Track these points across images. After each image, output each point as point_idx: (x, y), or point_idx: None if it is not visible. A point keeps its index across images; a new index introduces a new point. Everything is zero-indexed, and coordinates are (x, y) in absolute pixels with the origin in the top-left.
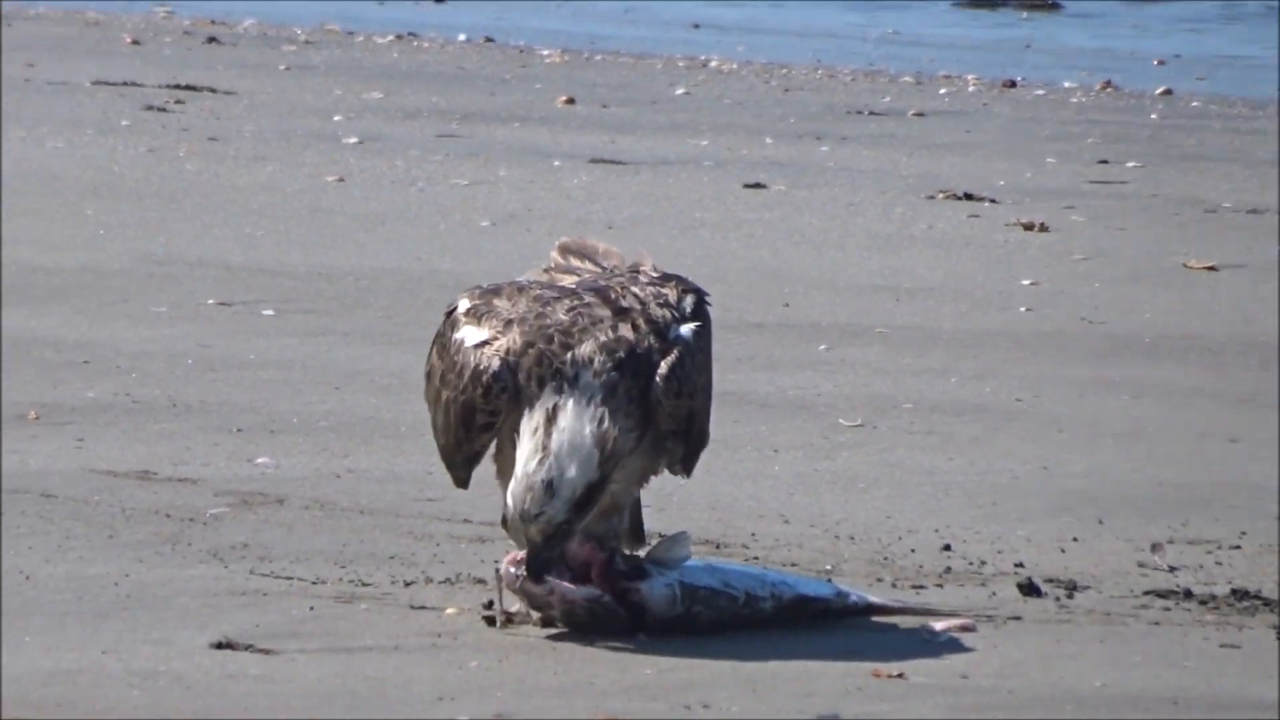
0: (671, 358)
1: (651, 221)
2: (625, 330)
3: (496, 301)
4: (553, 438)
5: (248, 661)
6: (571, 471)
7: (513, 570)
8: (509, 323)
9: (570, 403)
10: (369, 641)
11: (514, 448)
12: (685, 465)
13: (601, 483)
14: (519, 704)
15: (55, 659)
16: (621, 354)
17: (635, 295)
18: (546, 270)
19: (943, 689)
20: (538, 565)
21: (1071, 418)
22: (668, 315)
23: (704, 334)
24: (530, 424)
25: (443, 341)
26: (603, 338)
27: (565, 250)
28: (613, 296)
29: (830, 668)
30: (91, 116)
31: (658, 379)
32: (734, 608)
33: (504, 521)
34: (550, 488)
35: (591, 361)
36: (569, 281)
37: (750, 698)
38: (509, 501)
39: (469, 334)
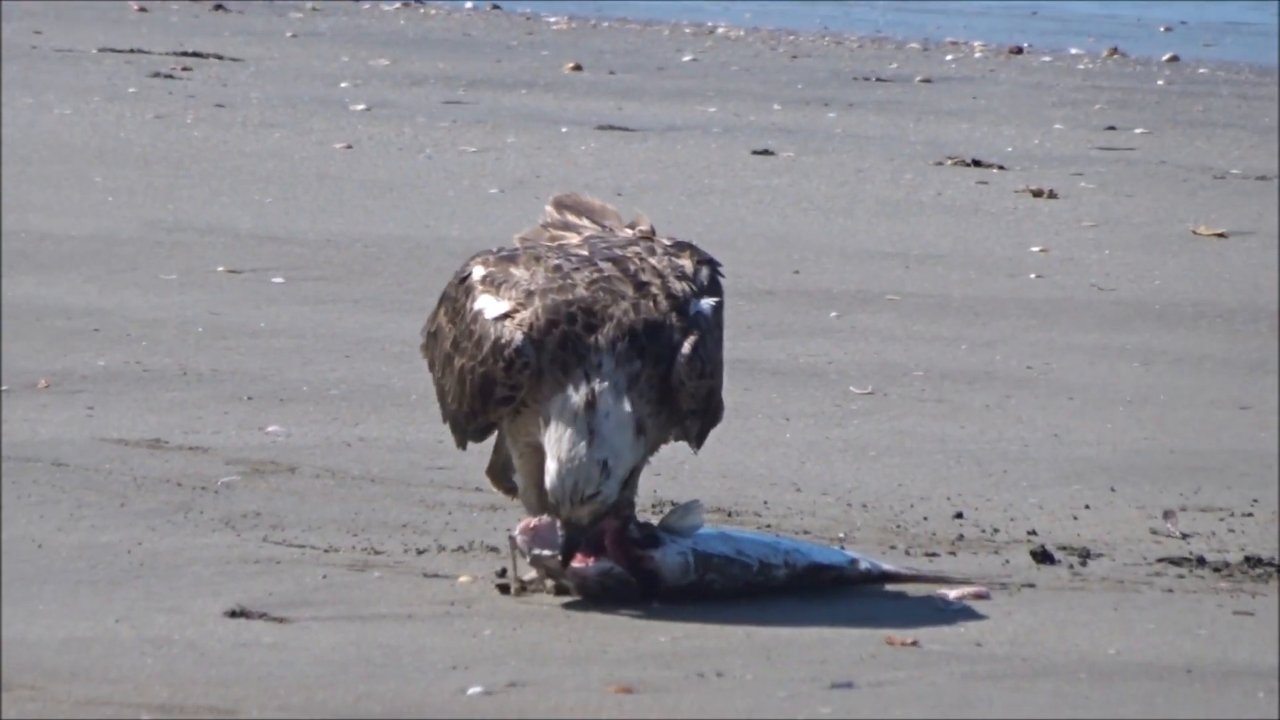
0: (693, 338)
1: (660, 188)
2: (647, 308)
3: (513, 270)
4: (597, 421)
5: (261, 629)
6: (623, 449)
7: (524, 555)
8: (529, 294)
9: (605, 386)
10: (382, 609)
11: (528, 420)
12: (699, 440)
13: (641, 464)
14: (533, 672)
15: (68, 627)
16: (644, 338)
17: (653, 267)
18: (545, 226)
19: (956, 656)
20: (573, 549)
21: (1082, 385)
22: (687, 289)
23: (720, 309)
24: (566, 408)
25: (455, 306)
26: (625, 320)
27: (560, 205)
28: (631, 270)
29: (844, 635)
30: (98, 83)
31: (680, 360)
32: (747, 575)
33: (492, 472)
34: (606, 467)
35: (614, 347)
36: (576, 242)
37: (764, 665)
38: (555, 484)
39: (488, 304)
